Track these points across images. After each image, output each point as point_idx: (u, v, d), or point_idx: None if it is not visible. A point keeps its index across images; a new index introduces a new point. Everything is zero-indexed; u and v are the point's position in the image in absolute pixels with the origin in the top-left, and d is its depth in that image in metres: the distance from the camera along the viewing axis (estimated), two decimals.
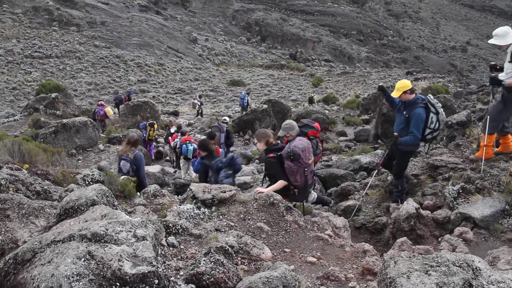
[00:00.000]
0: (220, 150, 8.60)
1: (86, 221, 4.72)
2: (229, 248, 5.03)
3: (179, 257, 4.99)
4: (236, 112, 38.99)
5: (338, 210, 9.44)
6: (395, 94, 8.64)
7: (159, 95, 53.47)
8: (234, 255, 5.06)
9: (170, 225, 5.51)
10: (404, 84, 8.55)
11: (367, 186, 10.37)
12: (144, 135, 22.37)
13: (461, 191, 8.59)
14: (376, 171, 10.47)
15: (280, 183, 7.65)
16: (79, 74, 59.56)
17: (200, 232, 5.60)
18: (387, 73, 79.31)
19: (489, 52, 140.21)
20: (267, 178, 8.28)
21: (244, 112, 32.32)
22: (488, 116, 8.90)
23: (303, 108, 37.07)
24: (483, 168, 8.94)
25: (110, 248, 4.01)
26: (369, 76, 73.21)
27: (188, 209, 6.14)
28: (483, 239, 7.42)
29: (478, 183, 8.46)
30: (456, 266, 4.67)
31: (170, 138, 20.45)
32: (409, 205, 8.09)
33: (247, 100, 37.17)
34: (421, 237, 7.84)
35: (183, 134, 16.74)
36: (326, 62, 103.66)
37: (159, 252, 4.77)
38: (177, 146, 18.79)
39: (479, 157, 9.29)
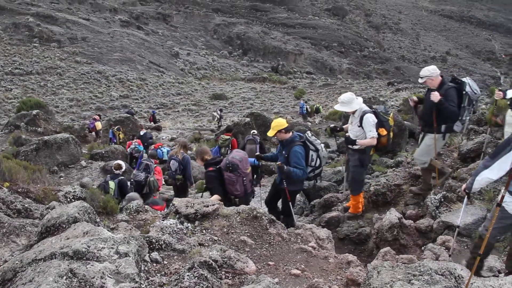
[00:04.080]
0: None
1: (68, 238, 4.69)
2: (213, 263, 5.01)
3: (163, 272, 4.95)
4: (218, 126, 38.96)
5: (321, 221, 9.45)
6: (270, 133, 8.62)
7: (141, 110, 53.25)
8: (218, 269, 5.04)
9: (153, 240, 5.48)
10: (278, 123, 8.47)
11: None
12: (115, 141, 23.51)
13: (443, 199, 8.67)
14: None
15: (215, 198, 7.94)
16: (60, 90, 59.15)
17: (183, 247, 5.58)
18: (369, 84, 79.78)
19: (469, 62, 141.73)
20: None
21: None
22: (352, 178, 9.27)
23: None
24: (464, 177, 9.06)
25: (92, 265, 3.99)
26: (351, 88, 73.48)
27: (171, 224, 6.11)
28: (465, 247, 7.48)
29: (459, 191, 8.53)
30: (439, 274, 4.70)
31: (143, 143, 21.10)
32: (392, 215, 8.14)
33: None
34: (404, 246, 7.88)
35: (153, 157, 16.65)
36: (308, 74, 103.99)
37: (142, 268, 4.75)
38: (133, 152, 20.35)
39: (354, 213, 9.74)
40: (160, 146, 19.19)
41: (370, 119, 8.75)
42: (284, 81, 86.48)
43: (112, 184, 11.94)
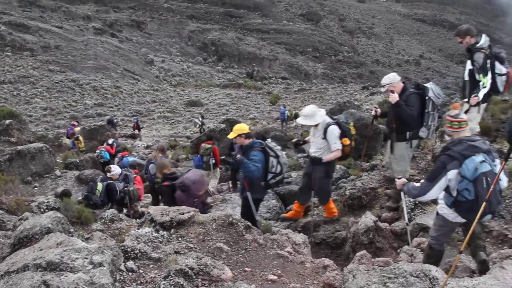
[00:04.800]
0: None
1: (41, 249, 4.64)
2: (189, 270, 4.99)
3: (139, 281, 4.93)
4: (194, 133, 38.86)
5: (297, 226, 9.46)
6: (230, 136, 8.57)
7: (116, 118, 52.94)
8: (194, 277, 5.02)
9: (129, 249, 5.44)
10: (240, 127, 8.45)
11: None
12: (75, 149, 24.94)
13: (417, 202, 8.73)
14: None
15: None
16: (34, 99, 58.52)
17: (159, 255, 5.56)
18: (343, 89, 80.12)
19: (442, 65, 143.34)
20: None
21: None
22: (319, 189, 9.27)
23: (261, 126, 37.19)
24: None
25: (66, 276, 3.95)
26: (326, 92, 73.79)
27: (146, 232, 6.08)
28: None
29: None
30: (414, 276, 4.73)
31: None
32: (368, 219, 8.17)
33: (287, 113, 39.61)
34: (380, 249, 7.92)
35: (133, 167, 16.59)
36: (283, 79, 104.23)
37: (118, 278, 4.71)
38: (98, 158, 20.90)
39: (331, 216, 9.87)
40: (126, 155, 19.17)
41: (335, 131, 8.83)
42: (259, 86, 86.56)
43: (99, 186, 11.88)
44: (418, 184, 6.00)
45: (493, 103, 13.86)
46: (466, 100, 8.86)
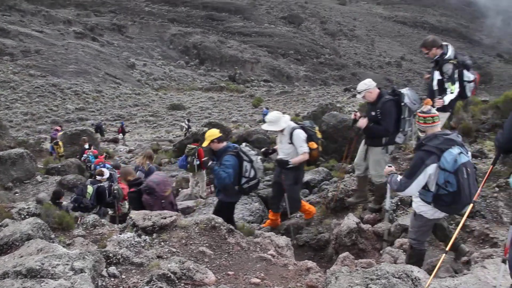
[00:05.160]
0: None
1: (22, 256, 4.60)
2: (172, 275, 4.98)
3: (121, 287, 4.90)
4: (177, 137, 38.78)
5: (280, 229, 9.47)
6: (204, 144, 8.62)
7: (92, 124, 52.64)
8: (177, 281, 5.01)
9: (111, 255, 5.41)
10: (211, 133, 8.46)
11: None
12: (54, 154, 25.25)
13: (399, 203, 8.78)
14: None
15: None
16: (14, 104, 57.98)
17: (141, 260, 5.53)
18: (326, 91, 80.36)
19: (423, 66, 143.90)
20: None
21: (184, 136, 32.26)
22: (289, 197, 9.23)
23: (244, 129, 37.19)
24: None
25: (46, 283, 3.92)
26: (308, 95, 74.00)
27: (128, 237, 6.05)
28: None
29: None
30: (396, 277, 4.75)
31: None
32: (350, 220, 8.20)
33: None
34: (363, 251, 7.94)
35: (117, 167, 16.59)
36: (265, 82, 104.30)
37: (100, 284, 4.68)
38: (86, 161, 20.80)
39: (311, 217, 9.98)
40: (100, 163, 19.11)
41: (301, 135, 8.84)
42: (241, 89, 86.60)
43: (90, 189, 11.87)
44: (399, 179, 6.07)
45: (473, 104, 13.99)
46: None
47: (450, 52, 8.95)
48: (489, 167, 5.90)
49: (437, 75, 9.00)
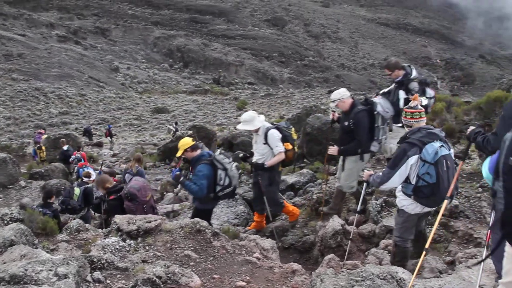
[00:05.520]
0: None
1: (4, 262, 4.56)
2: (157, 279, 4.96)
3: None
4: (161, 140, 38.65)
5: (266, 232, 9.46)
6: (178, 154, 8.59)
7: (81, 127, 52.27)
8: (162, 285, 5.00)
9: (95, 260, 5.38)
10: (184, 142, 8.41)
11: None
12: (36, 158, 25.18)
13: (384, 204, 8.82)
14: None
15: None
16: None
17: (126, 265, 5.50)
18: (310, 93, 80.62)
19: None
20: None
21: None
22: (266, 199, 9.27)
23: (229, 132, 37.14)
24: None
25: None
26: (293, 97, 74.22)
27: (113, 242, 6.01)
28: None
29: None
30: (381, 279, 4.77)
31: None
32: (335, 222, 8.22)
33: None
34: (348, 252, 7.95)
35: (112, 174, 16.59)
36: (249, 85, 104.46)
37: None
38: (74, 162, 20.50)
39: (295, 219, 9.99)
40: (83, 166, 19.07)
41: (275, 134, 8.87)
42: (226, 92, 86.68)
43: (77, 191, 11.84)
44: (380, 173, 6.22)
45: (456, 105, 14.10)
46: (400, 125, 9.10)
47: (415, 73, 9.36)
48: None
49: (402, 95, 9.20)
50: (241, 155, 10.48)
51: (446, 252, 7.28)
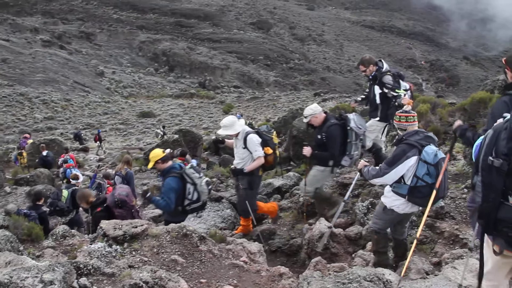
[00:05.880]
0: None
1: None
2: (143, 284, 4.95)
3: None
4: (147, 144, 38.52)
5: (253, 235, 9.45)
6: (149, 166, 8.68)
7: (67, 132, 51.92)
8: None
9: (81, 266, 5.35)
10: (155, 154, 8.41)
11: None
12: (18, 164, 25.31)
13: (370, 206, 8.85)
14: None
15: None
16: None
17: (112, 270, 5.48)
18: (296, 96, 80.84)
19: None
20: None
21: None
22: (241, 202, 9.39)
23: (215, 135, 37.10)
24: None
25: None
26: (279, 100, 74.37)
27: (99, 247, 5.99)
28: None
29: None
30: (367, 281, 4.79)
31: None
32: (322, 225, 8.23)
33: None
34: (335, 254, 7.98)
35: (107, 177, 16.54)
36: (235, 88, 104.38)
37: None
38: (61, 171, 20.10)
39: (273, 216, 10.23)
40: (71, 167, 19.09)
41: (254, 139, 8.86)
42: (212, 96, 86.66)
43: (65, 193, 11.88)
44: (377, 167, 6.34)
45: (440, 107, 14.19)
46: (377, 119, 9.14)
47: (386, 66, 9.44)
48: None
49: (378, 90, 9.41)
50: (213, 138, 10.54)
51: (433, 253, 7.31)
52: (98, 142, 38.70)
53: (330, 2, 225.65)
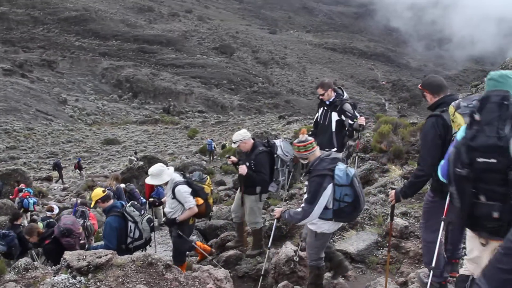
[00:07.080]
0: None
1: None
2: None
3: None
4: (112, 171, 38.15)
5: (219, 261, 9.41)
6: (91, 206, 8.82)
7: (30, 161, 51.26)
8: None
9: None
10: (95, 193, 8.39)
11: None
12: None
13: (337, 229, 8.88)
14: None
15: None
16: None
17: None
18: (260, 119, 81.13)
19: (354, 91, 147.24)
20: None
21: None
22: (174, 250, 9.21)
23: (180, 161, 37.00)
24: None
25: None
26: (243, 124, 74.49)
27: (62, 279, 5.91)
28: (360, 273, 7.73)
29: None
30: None
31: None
32: (288, 248, 8.24)
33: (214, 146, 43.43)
34: (302, 278, 7.97)
35: (85, 204, 16.40)
36: (200, 113, 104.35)
37: None
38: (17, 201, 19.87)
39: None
40: (27, 196, 19.00)
41: (182, 190, 8.54)
42: (176, 121, 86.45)
43: (41, 225, 11.78)
44: (299, 209, 6.34)
45: (402, 127, 14.41)
46: (335, 150, 9.22)
47: (346, 94, 9.58)
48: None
49: (335, 116, 9.37)
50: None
51: (399, 273, 7.39)
52: (78, 170, 38.77)
53: (292, 25, 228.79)
